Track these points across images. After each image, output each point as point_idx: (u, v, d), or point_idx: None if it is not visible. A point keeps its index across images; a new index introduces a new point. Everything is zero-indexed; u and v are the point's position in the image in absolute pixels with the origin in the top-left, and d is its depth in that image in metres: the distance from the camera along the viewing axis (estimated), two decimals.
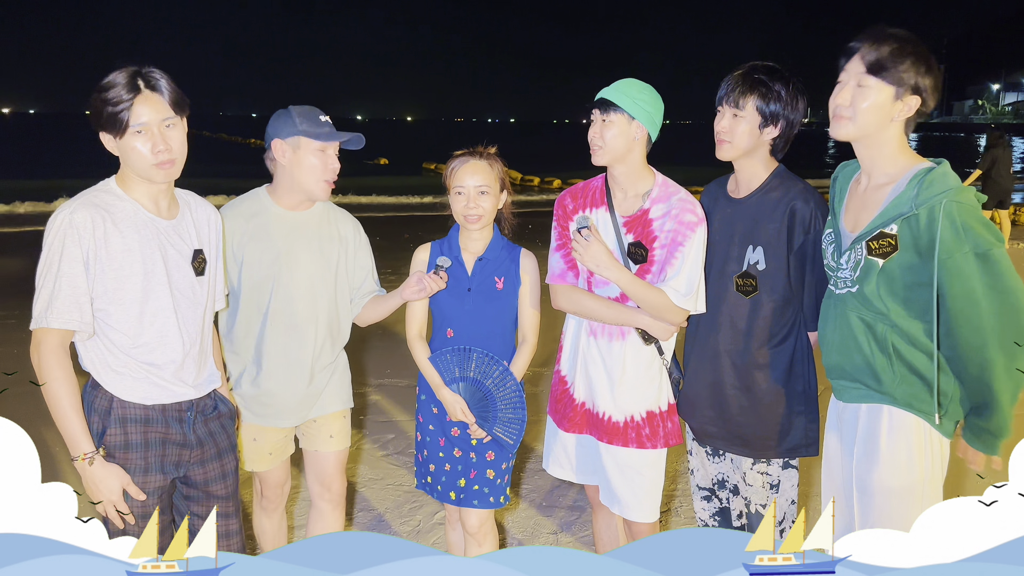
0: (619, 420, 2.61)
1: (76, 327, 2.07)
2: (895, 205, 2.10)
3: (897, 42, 2.10)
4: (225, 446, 2.38)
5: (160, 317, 2.18)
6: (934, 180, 2.05)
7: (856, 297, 2.20)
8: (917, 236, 2.05)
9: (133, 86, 2.09)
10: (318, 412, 2.75)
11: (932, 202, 2.02)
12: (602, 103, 2.49)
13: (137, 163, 2.12)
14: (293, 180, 2.58)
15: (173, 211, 2.26)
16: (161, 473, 2.22)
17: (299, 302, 2.63)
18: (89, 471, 2.09)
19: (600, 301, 2.59)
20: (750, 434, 2.55)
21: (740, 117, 2.47)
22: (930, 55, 2.13)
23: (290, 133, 2.55)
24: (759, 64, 2.51)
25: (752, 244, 2.50)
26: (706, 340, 2.59)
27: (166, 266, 2.19)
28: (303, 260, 2.62)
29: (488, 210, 2.62)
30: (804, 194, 2.48)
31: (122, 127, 2.09)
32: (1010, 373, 2.04)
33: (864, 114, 2.13)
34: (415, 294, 2.59)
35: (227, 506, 2.40)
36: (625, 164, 2.53)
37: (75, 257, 2.06)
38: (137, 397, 2.18)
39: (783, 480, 2.60)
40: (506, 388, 2.64)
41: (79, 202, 2.11)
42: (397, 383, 5.71)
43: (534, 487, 4.10)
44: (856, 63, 2.14)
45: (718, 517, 2.78)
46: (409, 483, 4.11)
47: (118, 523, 2.12)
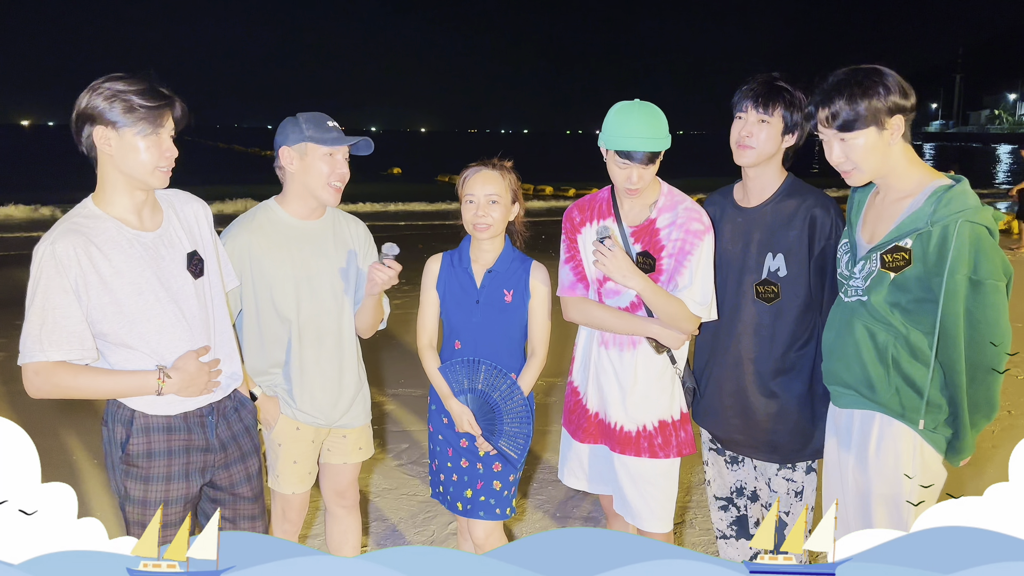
0: (631, 430, 2.60)
1: (77, 356, 2.05)
2: (911, 220, 2.13)
3: (845, 90, 2.12)
4: (248, 448, 2.39)
5: (167, 331, 2.16)
6: (952, 199, 2.07)
7: (864, 306, 2.23)
8: (928, 252, 2.08)
9: (160, 93, 2.10)
10: (350, 423, 2.76)
11: (947, 220, 2.05)
12: (640, 154, 2.41)
13: (135, 166, 2.08)
14: (302, 187, 2.58)
15: (157, 219, 2.22)
16: (185, 481, 2.22)
17: (326, 313, 2.63)
18: (172, 381, 2.13)
19: (610, 311, 2.58)
20: (778, 439, 2.57)
21: (767, 123, 2.48)
22: (878, 74, 2.13)
23: (297, 140, 2.54)
24: (777, 74, 2.52)
25: (772, 251, 2.51)
26: (727, 348, 2.60)
27: (160, 280, 2.15)
28: (323, 269, 2.63)
29: (498, 220, 2.62)
30: (823, 201, 2.50)
31: (139, 123, 2.06)
32: (972, 400, 2.14)
33: (864, 161, 2.17)
34: (372, 288, 2.57)
35: (254, 508, 2.41)
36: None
37: (63, 288, 2.02)
38: (158, 409, 2.19)
39: (806, 486, 2.63)
40: (513, 402, 2.64)
41: (59, 231, 2.05)
42: (412, 392, 5.71)
43: (548, 498, 4.09)
44: (824, 127, 2.18)
45: (735, 526, 2.77)
46: (423, 493, 4.11)
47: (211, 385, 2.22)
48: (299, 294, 2.59)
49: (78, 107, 2.08)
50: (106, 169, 2.11)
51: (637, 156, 2.41)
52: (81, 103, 2.08)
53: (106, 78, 2.09)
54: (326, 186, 2.56)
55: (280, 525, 2.81)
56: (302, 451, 2.71)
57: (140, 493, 2.18)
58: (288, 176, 2.60)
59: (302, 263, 2.60)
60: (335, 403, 2.70)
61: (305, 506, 2.83)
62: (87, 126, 2.07)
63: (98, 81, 2.09)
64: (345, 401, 2.73)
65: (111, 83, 2.07)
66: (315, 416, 2.68)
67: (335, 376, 2.68)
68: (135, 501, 2.19)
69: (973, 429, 2.17)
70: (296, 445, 2.70)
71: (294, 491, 2.74)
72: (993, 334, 2.07)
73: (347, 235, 2.73)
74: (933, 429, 2.19)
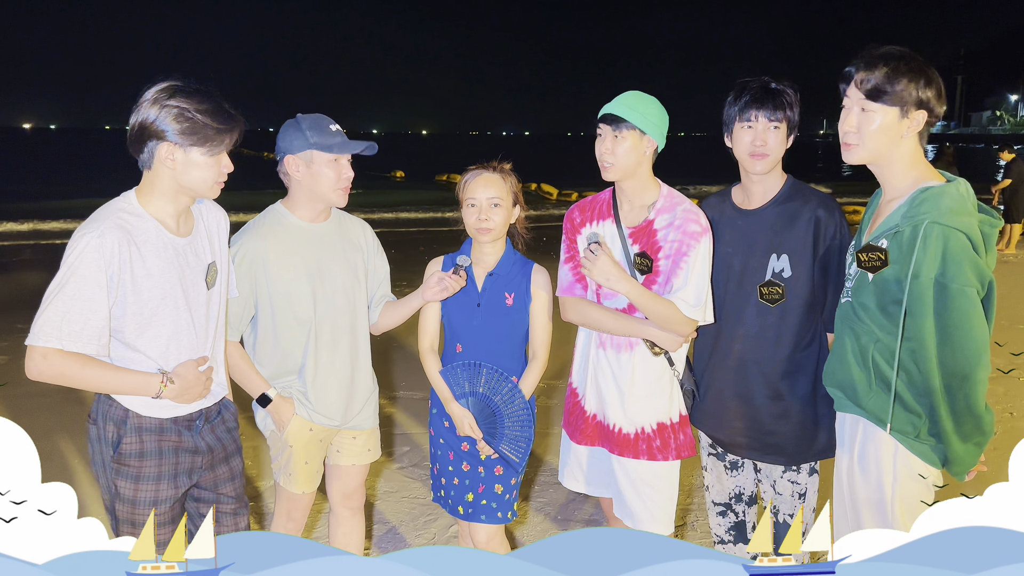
0: (630, 432, 2.60)
1: (93, 352, 2.06)
2: (888, 219, 2.12)
3: (891, 62, 2.11)
4: (232, 449, 2.42)
5: (177, 337, 2.19)
6: (927, 199, 2.05)
7: (850, 307, 2.24)
8: (902, 252, 2.06)
9: (229, 114, 2.12)
10: (361, 425, 2.78)
11: (917, 220, 2.02)
12: (612, 119, 2.49)
13: (196, 182, 2.13)
14: (310, 192, 2.59)
15: (189, 226, 2.26)
16: (173, 482, 2.24)
17: (340, 313, 2.65)
18: (173, 386, 2.15)
19: (607, 313, 2.59)
20: (783, 441, 2.57)
21: (778, 128, 2.49)
22: (927, 67, 2.12)
23: (302, 147, 2.54)
24: (766, 78, 2.52)
25: (776, 253, 2.51)
26: (728, 351, 2.60)
27: (183, 287, 2.19)
28: (335, 271, 2.64)
29: (499, 223, 2.63)
30: (827, 202, 2.51)
31: (206, 144, 2.09)
32: (952, 409, 2.06)
33: (871, 138, 2.14)
34: (436, 294, 2.60)
35: (236, 505, 2.44)
36: (635, 178, 2.54)
37: (98, 282, 2.03)
38: (153, 412, 2.21)
39: (809, 488, 2.63)
40: (514, 405, 2.64)
41: (107, 224, 2.06)
42: (412, 395, 5.72)
43: (549, 500, 4.09)
44: (855, 89, 2.15)
45: (733, 531, 2.77)
46: (424, 496, 4.11)
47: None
48: (315, 296, 2.61)
49: (143, 120, 2.08)
50: (161, 176, 2.13)
51: (607, 120, 2.47)
52: (147, 117, 2.07)
53: (171, 90, 2.09)
54: (335, 190, 2.58)
55: (284, 525, 2.81)
56: (313, 452, 2.73)
57: (130, 492, 2.20)
58: (294, 183, 2.61)
59: (315, 265, 2.61)
60: (348, 404, 2.71)
61: (310, 507, 2.84)
62: (152, 141, 2.09)
63: (162, 94, 2.08)
64: (358, 402, 2.74)
65: (178, 99, 2.07)
66: (329, 417, 2.69)
67: (349, 377, 2.70)
68: (125, 500, 2.20)
69: (964, 441, 2.09)
70: (309, 446, 2.71)
71: (304, 491, 2.74)
72: (966, 341, 2.00)
73: (354, 236, 2.75)
74: (915, 437, 2.14)
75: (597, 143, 2.53)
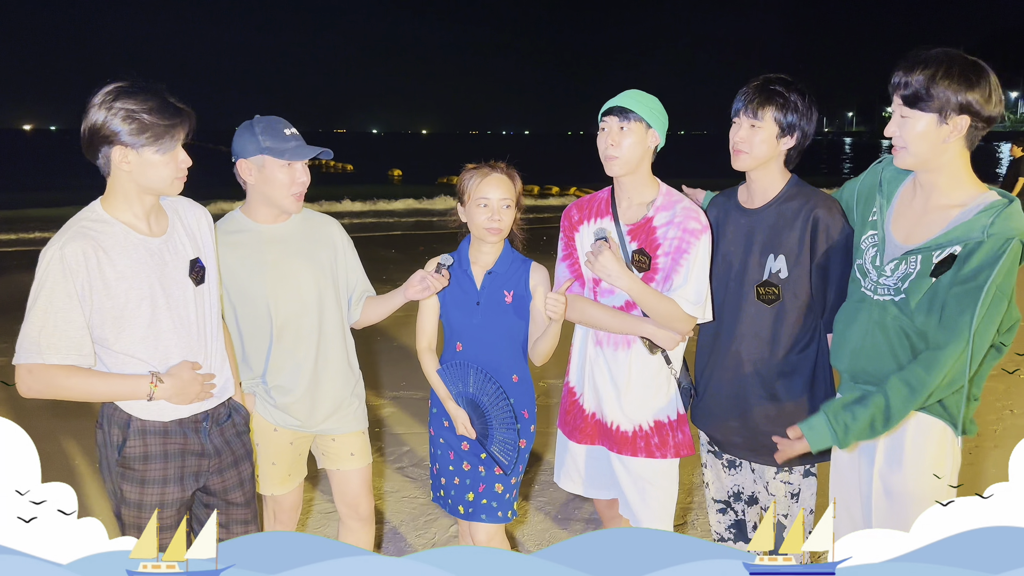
0: (628, 430, 2.60)
1: (74, 362, 2.06)
2: (965, 229, 2.09)
3: (930, 67, 2.08)
4: (241, 454, 2.40)
5: (163, 338, 2.18)
6: (1012, 215, 2.06)
7: (898, 306, 2.20)
8: (968, 261, 2.06)
9: (175, 108, 2.10)
10: (335, 429, 2.73)
11: (1004, 235, 2.03)
12: (619, 110, 2.50)
13: (154, 180, 2.12)
14: (264, 196, 2.55)
15: (162, 225, 2.23)
16: (180, 485, 2.23)
17: (305, 314, 2.61)
18: (164, 387, 2.13)
19: (605, 310, 2.59)
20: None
21: (758, 128, 2.48)
22: (973, 69, 2.09)
23: (253, 152, 2.49)
24: (773, 76, 2.52)
25: (773, 253, 2.50)
26: (726, 350, 2.59)
27: (162, 286, 2.17)
28: (296, 269, 2.60)
29: (508, 224, 2.64)
30: (826, 203, 2.49)
31: (157, 142, 2.07)
32: (907, 390, 2.12)
33: (914, 144, 2.14)
34: (418, 293, 2.60)
35: (246, 513, 2.42)
36: (636, 173, 2.54)
37: (68, 292, 2.03)
38: (154, 415, 2.20)
39: (803, 489, 2.61)
40: (499, 408, 2.62)
41: (68, 235, 2.06)
42: (412, 395, 5.71)
43: (549, 500, 4.08)
44: (896, 96, 2.15)
45: (733, 529, 2.77)
46: (424, 496, 4.11)
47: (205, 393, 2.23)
48: (276, 297, 2.57)
49: (92, 126, 2.06)
50: (120, 179, 2.12)
51: (614, 112, 2.49)
52: (95, 121, 2.05)
53: (115, 92, 2.07)
54: (287, 196, 2.53)
55: (271, 527, 2.82)
56: (280, 453, 2.70)
57: (136, 496, 2.19)
58: (249, 187, 2.57)
59: (274, 265, 2.58)
60: (314, 406, 2.66)
61: (295, 508, 2.83)
62: (105, 147, 2.07)
63: (108, 96, 2.06)
64: (327, 404, 2.68)
65: (123, 101, 2.05)
66: (294, 417, 2.65)
67: (313, 378, 2.65)
68: (131, 504, 2.20)
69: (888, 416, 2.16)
70: (273, 447, 2.68)
71: (272, 492, 2.74)
72: (986, 335, 2.09)
73: (321, 234, 2.70)
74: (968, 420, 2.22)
75: (600, 138, 2.54)
